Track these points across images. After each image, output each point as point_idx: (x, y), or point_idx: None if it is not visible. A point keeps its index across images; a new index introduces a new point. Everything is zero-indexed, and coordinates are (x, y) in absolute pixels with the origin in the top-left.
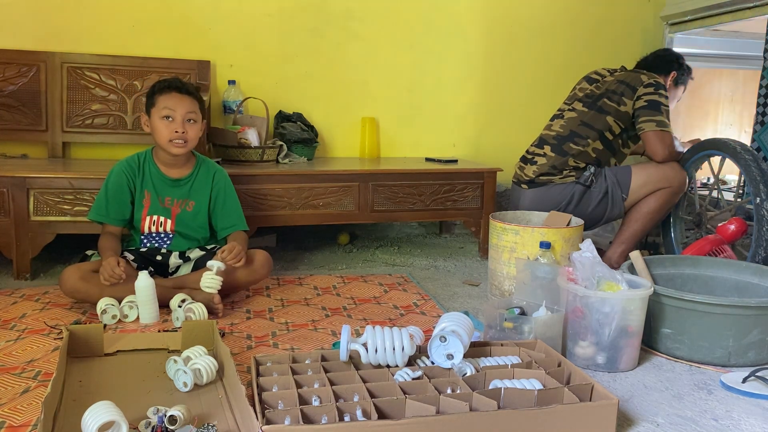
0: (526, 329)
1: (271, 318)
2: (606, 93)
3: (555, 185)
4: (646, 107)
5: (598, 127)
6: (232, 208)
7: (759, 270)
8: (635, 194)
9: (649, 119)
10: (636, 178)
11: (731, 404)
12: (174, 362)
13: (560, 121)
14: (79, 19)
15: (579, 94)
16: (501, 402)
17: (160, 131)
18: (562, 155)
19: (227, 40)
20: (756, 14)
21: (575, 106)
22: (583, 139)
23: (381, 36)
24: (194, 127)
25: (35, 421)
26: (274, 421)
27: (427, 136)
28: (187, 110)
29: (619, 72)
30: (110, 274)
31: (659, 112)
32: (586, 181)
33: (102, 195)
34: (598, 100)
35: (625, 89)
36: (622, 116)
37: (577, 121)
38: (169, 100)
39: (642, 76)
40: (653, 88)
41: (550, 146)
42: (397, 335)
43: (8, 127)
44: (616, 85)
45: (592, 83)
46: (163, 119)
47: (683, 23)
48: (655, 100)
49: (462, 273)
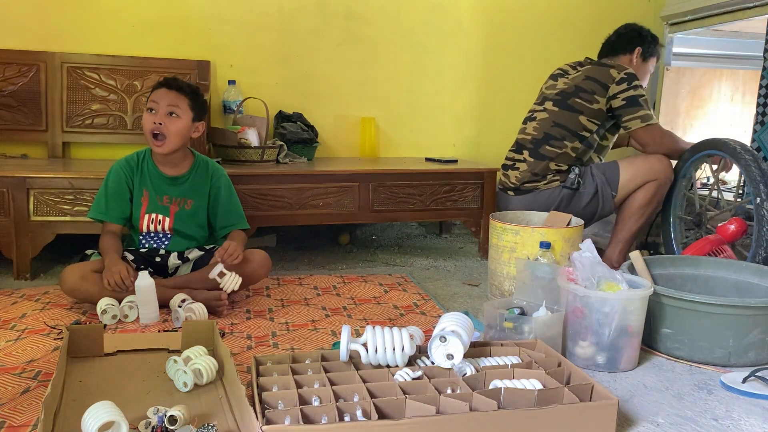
0: (526, 329)
1: (271, 318)
2: (576, 91)
3: (540, 191)
4: (625, 106)
5: (572, 127)
6: (231, 207)
7: (759, 270)
8: (624, 189)
9: (633, 117)
10: (623, 174)
11: (731, 404)
12: (174, 362)
13: (533, 123)
14: (79, 19)
15: (547, 92)
16: (501, 402)
17: (145, 124)
18: (542, 159)
19: (227, 40)
20: (756, 14)
21: (546, 106)
22: (558, 141)
23: (381, 36)
24: (176, 121)
25: (35, 421)
26: (274, 421)
27: (426, 136)
28: (169, 102)
29: (587, 66)
30: (119, 282)
31: (640, 106)
32: (573, 184)
33: (102, 193)
34: (568, 99)
35: (596, 87)
36: (596, 114)
37: (549, 122)
38: (156, 94)
39: (611, 71)
40: (626, 83)
41: (528, 151)
42: (397, 335)
43: (8, 127)
44: (586, 82)
45: (558, 79)
46: (147, 111)
47: (683, 23)
48: (631, 96)
49: (462, 273)
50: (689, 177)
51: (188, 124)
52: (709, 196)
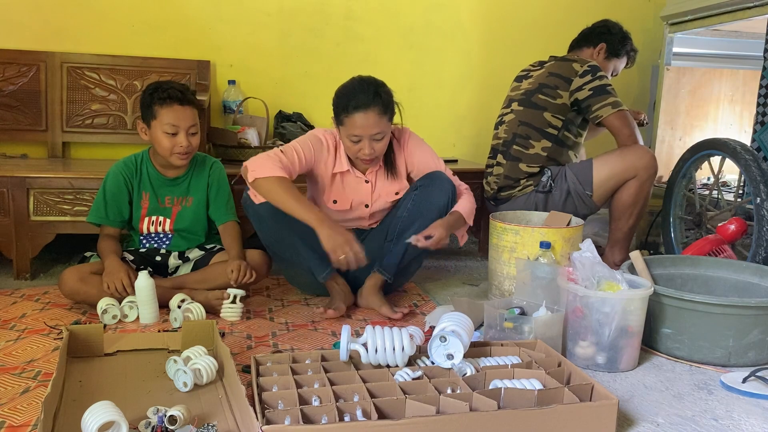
0: (526, 329)
1: (271, 318)
2: (540, 88)
3: (517, 198)
4: (593, 95)
5: (537, 125)
6: (224, 198)
7: (759, 270)
8: (603, 188)
9: (602, 104)
10: (598, 172)
11: (731, 404)
12: (174, 362)
13: (503, 126)
14: (79, 19)
15: (512, 94)
16: (501, 402)
17: (163, 144)
18: (514, 161)
19: (227, 40)
20: (756, 14)
21: (513, 107)
22: (524, 140)
23: (381, 36)
24: (196, 137)
25: (35, 421)
26: (274, 421)
27: (426, 136)
28: (190, 124)
29: (550, 62)
30: (119, 288)
31: (608, 94)
32: (545, 187)
33: (100, 197)
34: (532, 96)
35: (559, 81)
36: (560, 109)
37: (516, 122)
38: (171, 114)
39: (573, 65)
40: (590, 75)
41: (501, 154)
42: (397, 335)
43: (8, 127)
44: (549, 78)
45: (522, 81)
46: (166, 134)
47: (683, 23)
48: (597, 86)
49: (462, 273)
50: (689, 177)
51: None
52: (709, 196)
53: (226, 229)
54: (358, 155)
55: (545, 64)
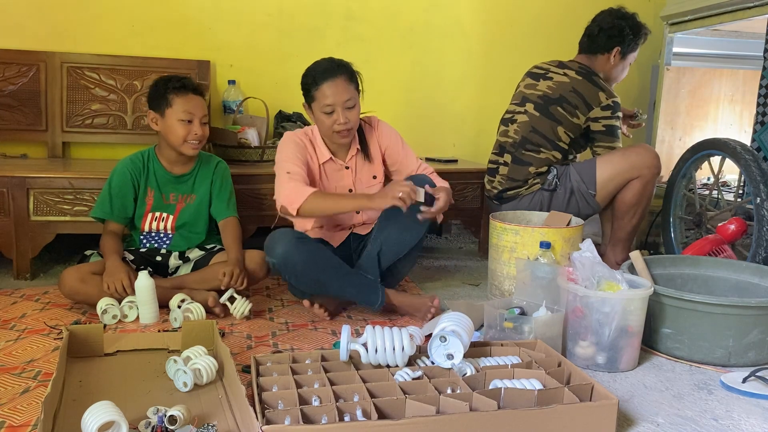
0: (526, 329)
1: (271, 318)
2: (560, 101)
3: (524, 197)
4: (604, 133)
5: (550, 136)
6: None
7: (759, 270)
8: (606, 188)
9: (606, 145)
10: (602, 172)
11: (731, 404)
12: (174, 362)
13: (513, 126)
14: (79, 19)
15: (527, 92)
16: (501, 402)
17: (177, 132)
18: (522, 164)
19: (227, 40)
20: (756, 14)
21: (527, 108)
22: (535, 146)
23: (381, 36)
24: (206, 127)
25: (35, 421)
26: (274, 421)
27: (426, 136)
28: (203, 113)
29: (574, 75)
30: (119, 290)
31: (616, 138)
32: (550, 185)
33: (105, 192)
34: (550, 105)
35: (580, 102)
36: (573, 127)
37: (528, 126)
38: (188, 102)
39: (600, 94)
40: (610, 111)
41: (510, 154)
42: (397, 335)
43: (8, 127)
44: (571, 94)
45: (539, 80)
46: (182, 122)
47: (683, 23)
48: (612, 126)
49: (462, 273)
50: (689, 177)
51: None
52: (709, 196)
53: (227, 226)
54: (333, 128)
55: (567, 68)
